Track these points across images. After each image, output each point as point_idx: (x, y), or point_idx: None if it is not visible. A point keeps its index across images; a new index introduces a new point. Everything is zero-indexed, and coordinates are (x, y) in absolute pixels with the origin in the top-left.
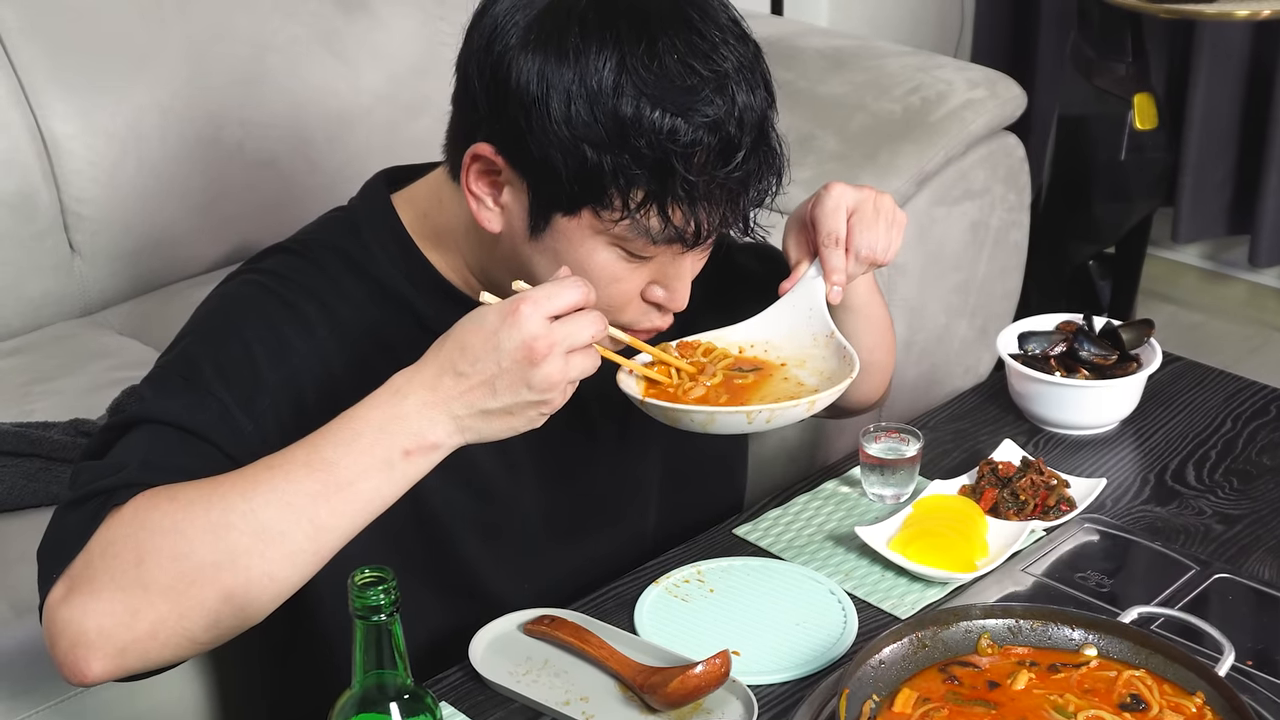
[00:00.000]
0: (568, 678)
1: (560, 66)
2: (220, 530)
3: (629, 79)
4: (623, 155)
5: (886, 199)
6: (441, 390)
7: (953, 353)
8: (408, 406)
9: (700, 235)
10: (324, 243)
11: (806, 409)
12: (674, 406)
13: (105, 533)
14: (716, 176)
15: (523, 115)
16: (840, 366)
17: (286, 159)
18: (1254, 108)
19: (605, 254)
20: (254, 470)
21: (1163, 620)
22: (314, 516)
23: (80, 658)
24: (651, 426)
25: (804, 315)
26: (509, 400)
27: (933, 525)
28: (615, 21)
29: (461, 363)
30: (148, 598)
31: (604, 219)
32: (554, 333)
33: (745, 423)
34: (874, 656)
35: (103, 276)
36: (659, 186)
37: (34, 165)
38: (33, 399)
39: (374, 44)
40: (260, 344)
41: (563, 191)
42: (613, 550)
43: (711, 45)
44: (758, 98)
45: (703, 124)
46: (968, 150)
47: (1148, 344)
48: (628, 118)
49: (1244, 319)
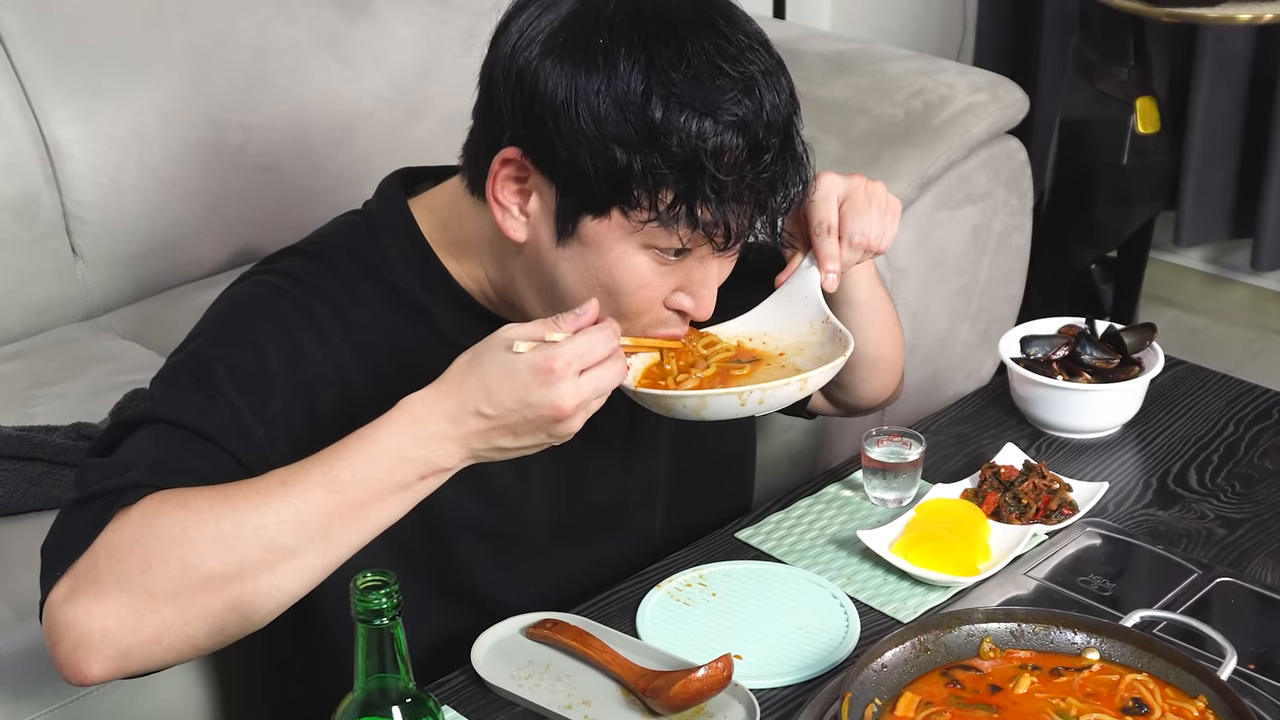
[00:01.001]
0: (570, 681)
1: (589, 71)
2: (230, 542)
3: (658, 81)
4: (652, 155)
5: (878, 186)
6: (463, 427)
7: (955, 356)
8: (426, 436)
9: (729, 237)
10: (340, 247)
11: (799, 388)
12: (666, 394)
13: (112, 535)
14: (745, 177)
15: (551, 119)
16: (835, 348)
17: (288, 162)
18: (1256, 111)
19: (635, 258)
20: (267, 484)
21: (1165, 624)
22: (326, 534)
23: (82, 659)
24: (660, 431)
25: (800, 305)
26: (528, 442)
27: (935, 529)
28: (643, 26)
29: (486, 406)
30: (153, 603)
31: (633, 220)
32: (582, 391)
33: (737, 404)
34: (876, 660)
35: (105, 280)
36: (688, 187)
37: (36, 169)
38: (35, 403)
39: (376, 48)
40: (274, 348)
41: (592, 192)
42: (619, 554)
43: (739, 49)
44: (784, 101)
45: (731, 124)
46: (970, 154)
47: (1150, 348)
48: (657, 119)
49: (1246, 323)
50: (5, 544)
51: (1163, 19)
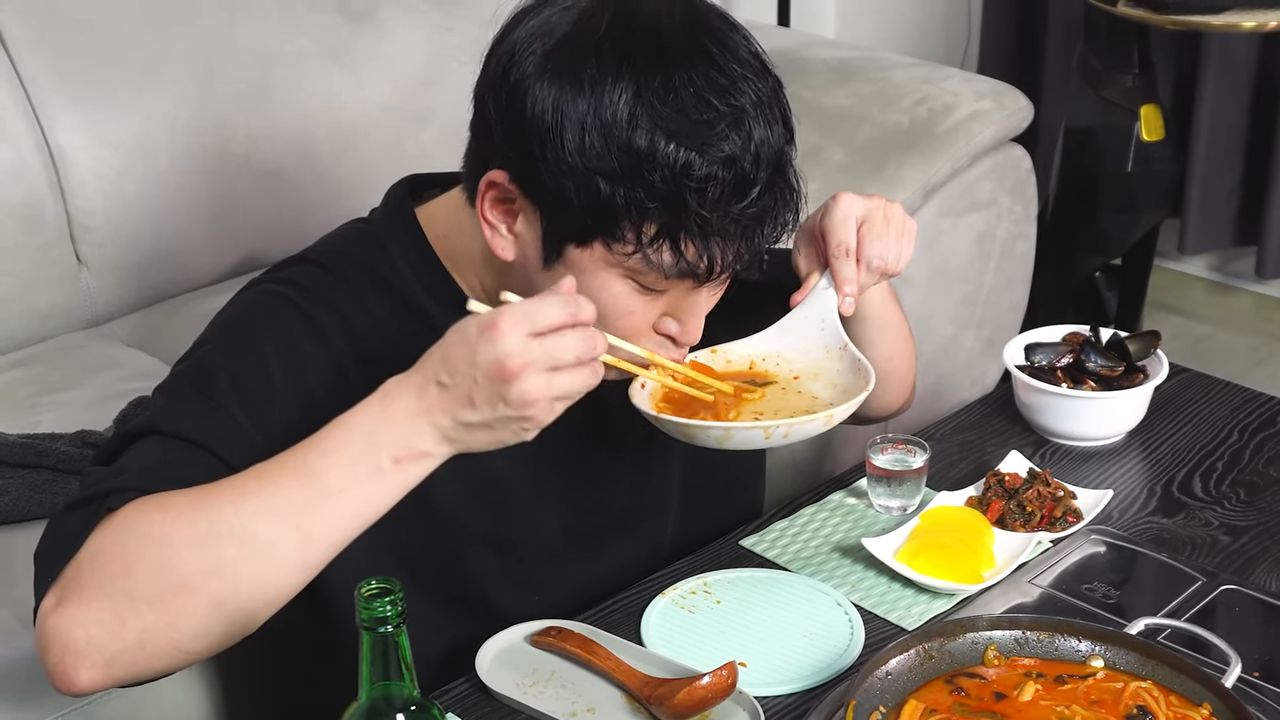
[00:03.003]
0: (574, 689)
1: (575, 97)
2: (208, 540)
3: (644, 111)
4: (635, 189)
5: (896, 208)
6: (426, 399)
7: (959, 364)
8: (394, 414)
9: (713, 271)
10: (348, 256)
11: (824, 424)
12: (690, 423)
13: (96, 540)
14: (730, 212)
15: (537, 144)
16: (855, 380)
17: (293, 170)
18: (1261, 119)
19: (618, 286)
20: (243, 479)
21: (1169, 631)
22: (302, 525)
23: (69, 666)
24: (672, 439)
25: (816, 327)
26: (488, 415)
27: (939, 537)
28: (633, 53)
29: (443, 373)
30: (134, 607)
31: (616, 252)
32: (530, 350)
33: (762, 438)
34: (880, 668)
35: (109, 288)
36: (672, 221)
37: (40, 177)
38: (39, 410)
39: (381, 56)
40: (278, 357)
41: (575, 222)
42: (628, 563)
43: (730, 80)
44: (775, 134)
45: (718, 159)
46: (974, 162)
47: (1154, 355)
48: (641, 150)
49: (1251, 330)
50: (10, 551)
51: (1167, 26)
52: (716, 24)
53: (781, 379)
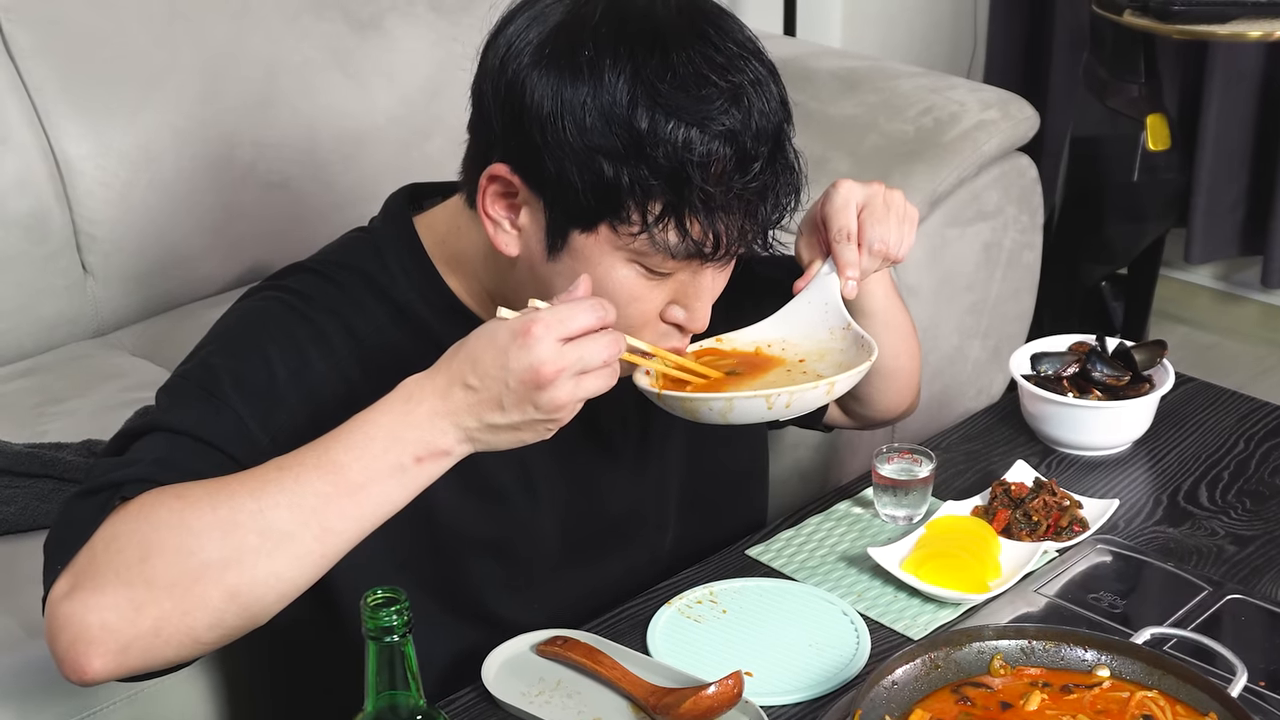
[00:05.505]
0: (580, 699)
1: (574, 81)
2: (227, 528)
3: (643, 91)
4: (639, 167)
5: (896, 194)
6: (452, 401)
7: (965, 374)
8: (419, 414)
9: (719, 248)
10: (345, 264)
11: (825, 392)
12: (692, 396)
13: (111, 527)
14: (733, 187)
15: (538, 131)
16: (859, 354)
17: (299, 180)
18: (1267, 128)
19: (624, 271)
20: (264, 470)
21: (1175, 641)
22: (323, 519)
23: (81, 653)
24: (671, 444)
25: (820, 311)
26: (516, 418)
27: (945, 546)
28: (629, 37)
29: (471, 376)
30: (152, 594)
31: (621, 234)
32: (564, 356)
33: (765, 408)
34: (887, 677)
35: (115, 297)
36: (676, 198)
37: (46, 186)
38: (45, 420)
39: (387, 65)
40: (281, 359)
41: (580, 206)
42: (630, 572)
43: (728, 59)
44: (773, 109)
45: (718, 134)
46: (980, 171)
47: (1160, 365)
48: (643, 130)
49: (1257, 340)
50: (15, 561)
51: (1174, 36)
52: (710, 9)
53: (788, 362)
